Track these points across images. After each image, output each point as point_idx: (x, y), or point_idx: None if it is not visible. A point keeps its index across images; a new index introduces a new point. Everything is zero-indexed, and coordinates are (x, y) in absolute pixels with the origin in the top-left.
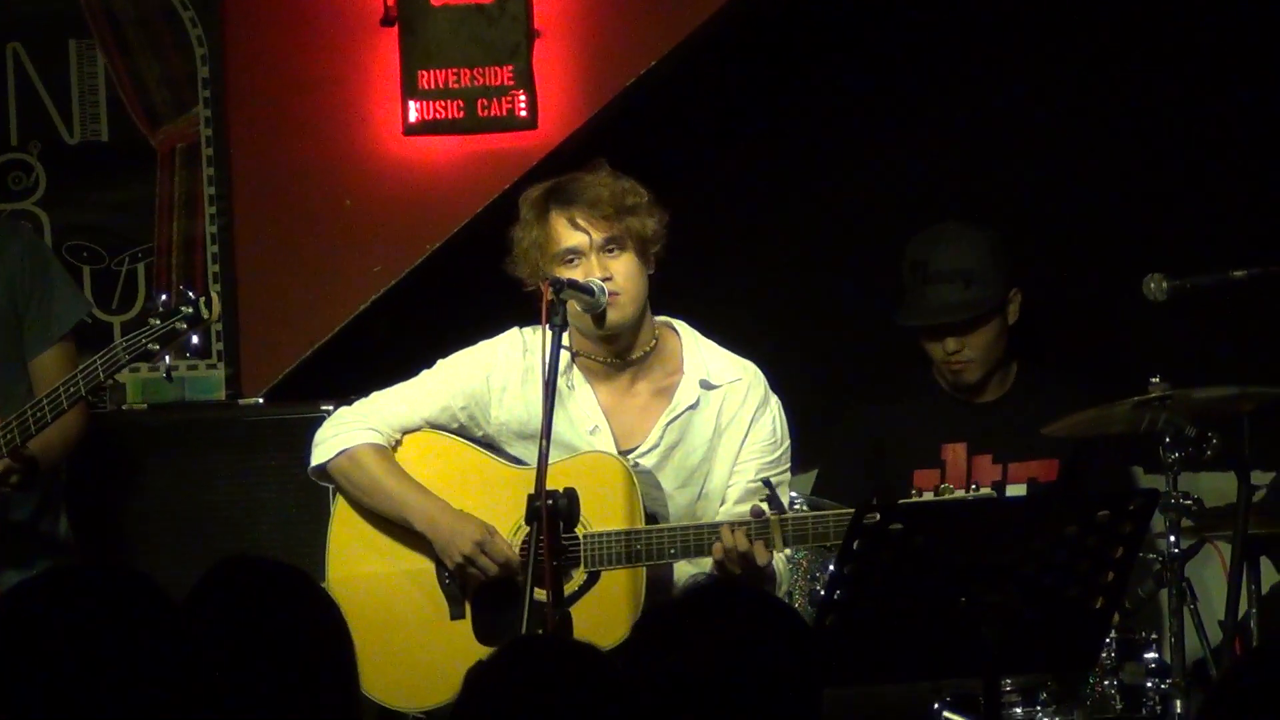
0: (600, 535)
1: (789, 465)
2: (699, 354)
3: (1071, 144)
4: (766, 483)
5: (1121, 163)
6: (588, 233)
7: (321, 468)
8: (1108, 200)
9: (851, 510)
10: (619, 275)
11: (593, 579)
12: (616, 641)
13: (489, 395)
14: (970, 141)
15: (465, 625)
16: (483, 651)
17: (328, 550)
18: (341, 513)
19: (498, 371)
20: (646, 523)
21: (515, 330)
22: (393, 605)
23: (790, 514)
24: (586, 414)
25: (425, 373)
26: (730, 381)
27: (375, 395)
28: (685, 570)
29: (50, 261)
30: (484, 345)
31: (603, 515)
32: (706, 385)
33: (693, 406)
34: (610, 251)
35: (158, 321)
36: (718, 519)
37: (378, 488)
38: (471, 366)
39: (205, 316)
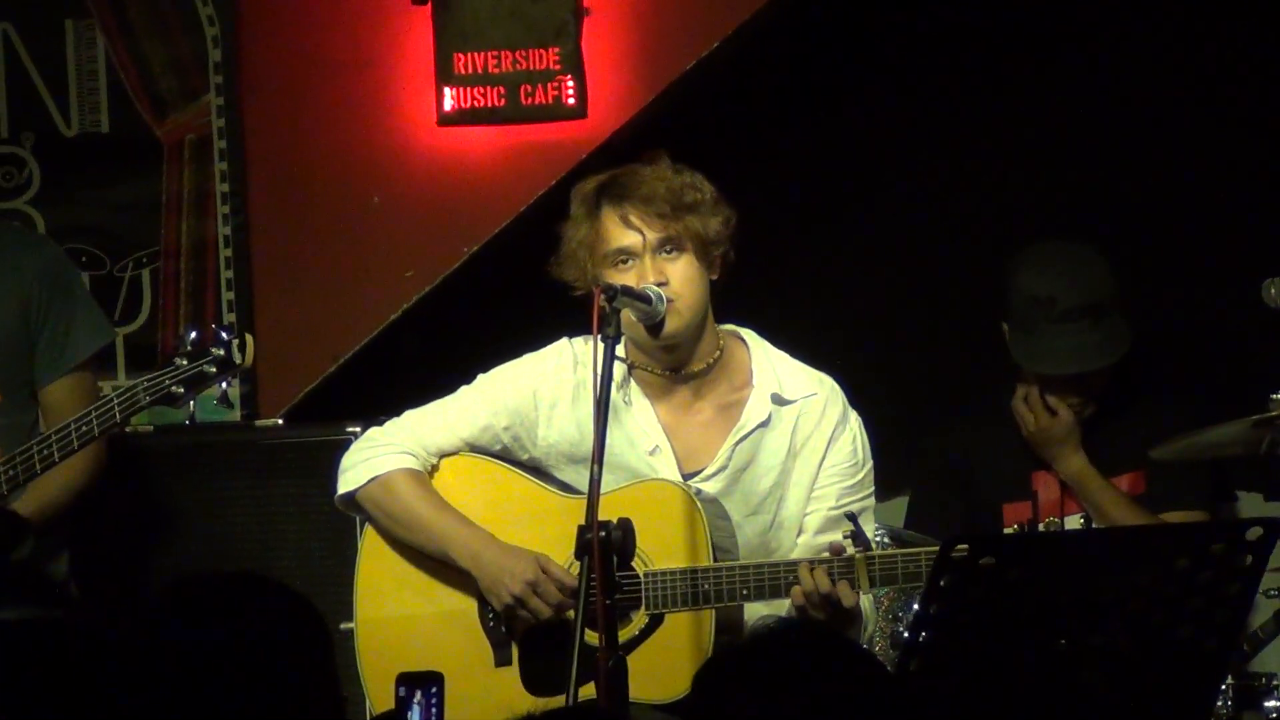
0: (663, 574)
1: (872, 490)
2: (770, 366)
3: (1176, 133)
4: (851, 516)
5: (1234, 154)
6: (641, 232)
7: (350, 496)
8: (1219, 197)
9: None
10: (676, 279)
11: (655, 623)
12: (679, 694)
13: (536, 414)
14: (1063, 138)
15: (512, 673)
16: (531, 703)
17: (357, 588)
18: (371, 546)
19: (546, 387)
20: (714, 558)
21: (564, 341)
22: (430, 649)
23: (877, 551)
24: (646, 433)
25: (464, 388)
26: (805, 397)
27: (408, 414)
28: (757, 611)
29: (73, 282)
30: (530, 358)
31: (665, 551)
32: (779, 401)
33: (764, 424)
34: (667, 253)
35: (185, 362)
36: (794, 551)
37: (414, 518)
38: (516, 382)
39: (238, 362)
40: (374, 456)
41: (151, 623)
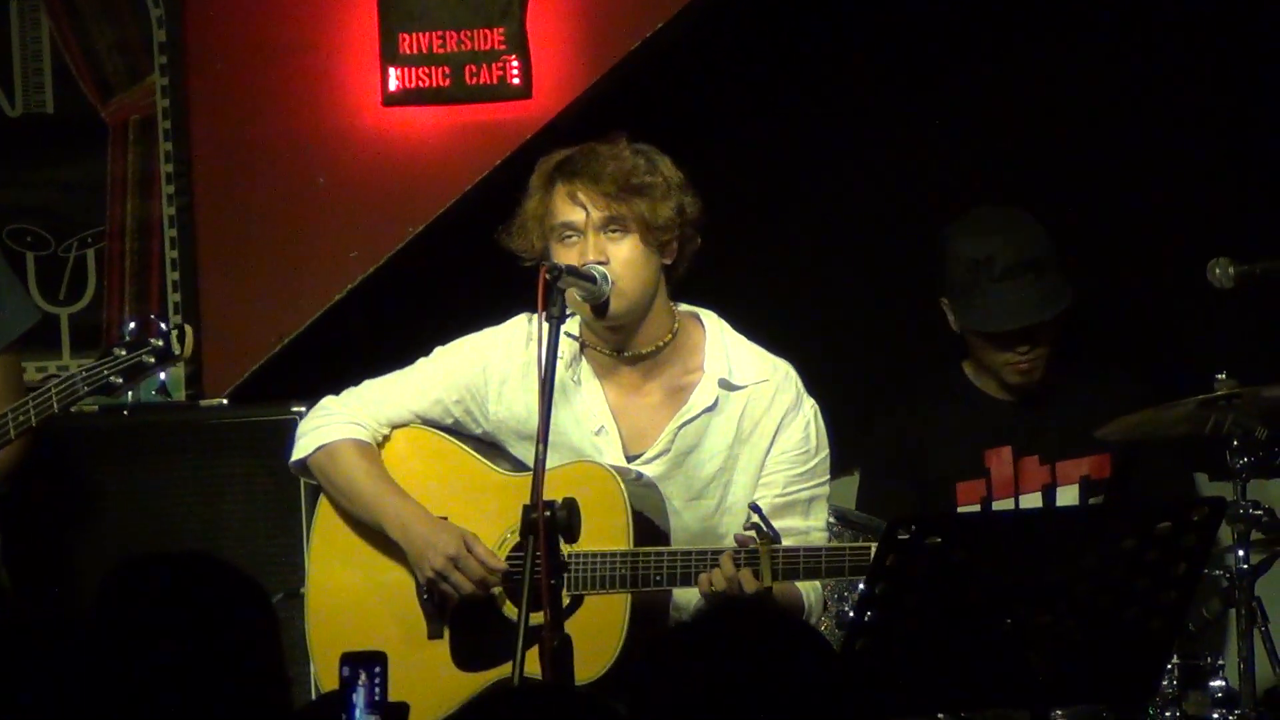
0: (585, 556)
1: (826, 477)
2: (723, 350)
3: (1121, 115)
4: (754, 508)
5: (1179, 136)
6: (586, 209)
7: (300, 463)
8: (1165, 178)
9: (850, 545)
10: (617, 261)
11: (574, 604)
12: (595, 675)
13: (486, 389)
14: (1009, 121)
15: (443, 646)
16: (459, 677)
17: (309, 554)
18: (324, 514)
19: (496, 363)
20: (644, 542)
21: (523, 317)
22: (371, 619)
23: (782, 545)
24: (593, 412)
25: (421, 360)
26: (755, 383)
27: (366, 383)
28: (693, 594)
29: None
30: (486, 333)
31: (589, 533)
32: (726, 386)
33: (710, 409)
34: (611, 233)
35: (124, 352)
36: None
37: (353, 488)
38: (469, 356)
39: (177, 352)
40: (324, 425)
41: (97, 605)
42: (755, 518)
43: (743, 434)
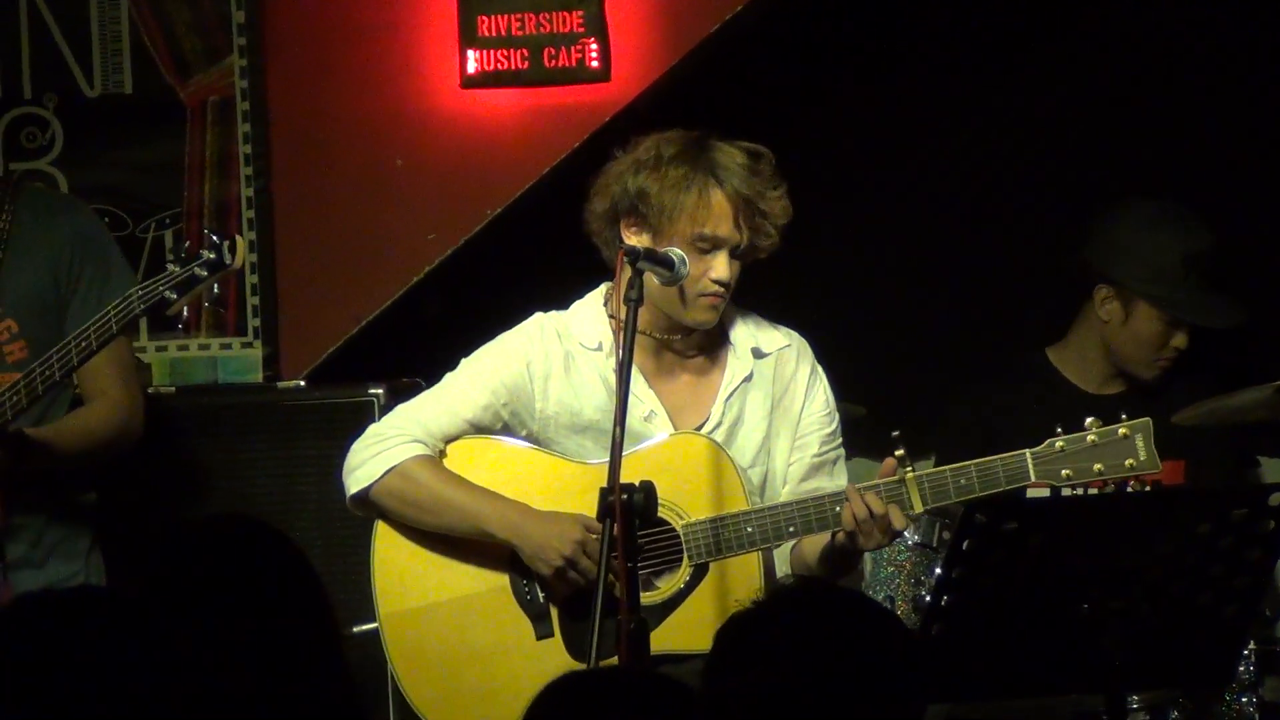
0: (701, 524)
1: (841, 439)
2: (744, 323)
3: (1198, 100)
4: (898, 438)
5: (1258, 123)
6: (740, 235)
7: (364, 494)
8: (1245, 168)
9: (1001, 457)
10: (733, 281)
11: (700, 573)
12: None
13: (531, 387)
14: (1088, 112)
15: (555, 644)
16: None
17: (376, 585)
18: (386, 541)
19: (537, 360)
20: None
21: (539, 316)
22: (465, 634)
23: (927, 470)
24: (639, 397)
25: (451, 375)
26: (780, 349)
27: (402, 407)
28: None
29: (107, 245)
30: (513, 335)
31: (699, 502)
32: (759, 354)
33: (748, 379)
34: (738, 255)
35: (177, 268)
36: (780, 500)
37: (441, 502)
38: (508, 358)
39: (228, 262)
40: (384, 450)
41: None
42: (899, 449)
43: (776, 399)
